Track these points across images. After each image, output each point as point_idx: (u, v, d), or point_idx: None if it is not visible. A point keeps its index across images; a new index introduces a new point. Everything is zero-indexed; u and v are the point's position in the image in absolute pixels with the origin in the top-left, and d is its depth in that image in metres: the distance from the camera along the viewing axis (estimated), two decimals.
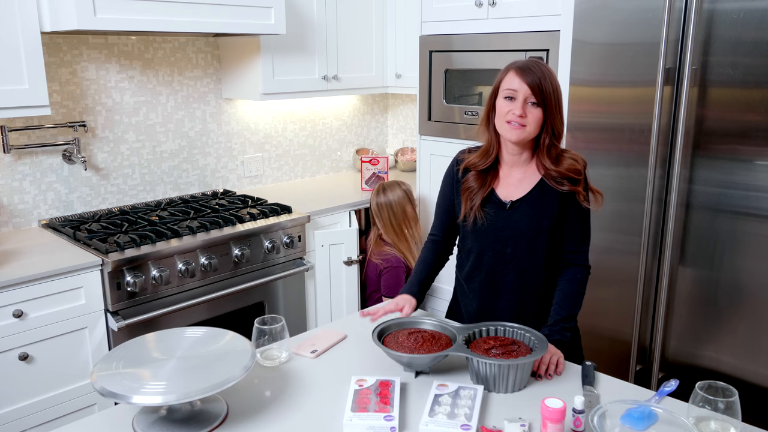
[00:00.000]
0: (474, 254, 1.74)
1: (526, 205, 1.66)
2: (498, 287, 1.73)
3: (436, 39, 3.18)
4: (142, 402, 1.22)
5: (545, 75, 1.57)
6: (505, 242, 1.68)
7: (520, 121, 1.57)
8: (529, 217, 1.65)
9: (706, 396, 1.22)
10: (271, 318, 1.60)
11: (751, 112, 2.09)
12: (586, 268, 1.71)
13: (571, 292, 1.67)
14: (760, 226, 2.13)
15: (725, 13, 2.09)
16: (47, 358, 2.16)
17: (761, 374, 2.20)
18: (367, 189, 3.33)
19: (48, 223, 2.62)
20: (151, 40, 2.88)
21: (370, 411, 1.32)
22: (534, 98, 1.56)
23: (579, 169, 1.63)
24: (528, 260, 1.68)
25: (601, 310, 2.54)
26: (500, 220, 1.68)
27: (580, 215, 1.68)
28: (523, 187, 1.67)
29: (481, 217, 1.68)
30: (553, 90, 1.57)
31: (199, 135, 3.13)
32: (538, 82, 1.55)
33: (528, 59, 1.62)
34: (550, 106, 1.57)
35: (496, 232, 1.68)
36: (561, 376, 1.54)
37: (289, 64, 3.03)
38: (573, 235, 1.69)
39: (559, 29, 2.63)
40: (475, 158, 1.70)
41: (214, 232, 2.54)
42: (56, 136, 2.64)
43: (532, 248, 1.67)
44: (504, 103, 1.60)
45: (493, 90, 1.64)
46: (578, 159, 1.65)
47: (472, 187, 1.69)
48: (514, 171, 1.68)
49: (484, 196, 1.68)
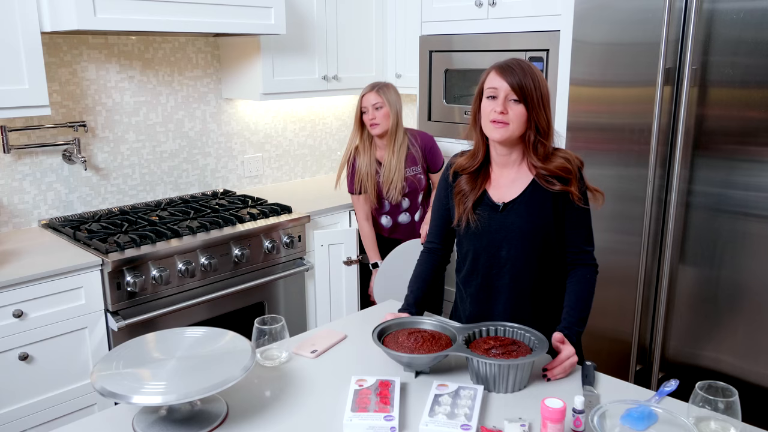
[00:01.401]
0: (470, 258, 1.73)
1: (519, 206, 1.65)
2: (494, 290, 1.72)
3: (436, 39, 3.18)
4: (142, 402, 1.22)
5: (525, 72, 1.56)
6: (499, 244, 1.67)
7: (501, 119, 1.56)
8: (523, 218, 1.64)
9: (706, 396, 1.22)
10: (271, 318, 1.60)
11: (751, 112, 2.09)
12: (593, 267, 1.70)
13: (583, 293, 1.66)
14: (760, 226, 2.13)
15: (725, 13, 2.09)
16: (47, 358, 2.16)
17: (761, 374, 2.20)
18: None
19: (48, 223, 2.62)
20: (151, 40, 2.88)
21: (370, 411, 1.32)
22: (515, 95, 1.56)
23: (569, 168, 1.61)
24: (523, 262, 1.67)
25: (601, 310, 2.54)
26: (494, 222, 1.67)
27: (580, 215, 1.66)
28: (515, 188, 1.66)
29: (474, 219, 1.67)
30: (535, 86, 1.56)
31: (199, 135, 3.13)
32: (518, 79, 1.55)
33: (509, 59, 1.62)
34: (532, 102, 1.56)
35: (490, 235, 1.68)
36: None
37: (289, 64, 3.03)
38: (576, 235, 1.68)
39: (559, 29, 2.63)
40: (464, 161, 1.70)
41: (214, 232, 2.54)
42: (56, 136, 2.64)
43: (526, 250, 1.66)
44: (487, 103, 1.60)
45: (478, 92, 1.64)
46: (571, 158, 1.63)
47: (463, 190, 1.69)
48: (505, 172, 1.68)
49: (476, 199, 1.67)
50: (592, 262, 1.70)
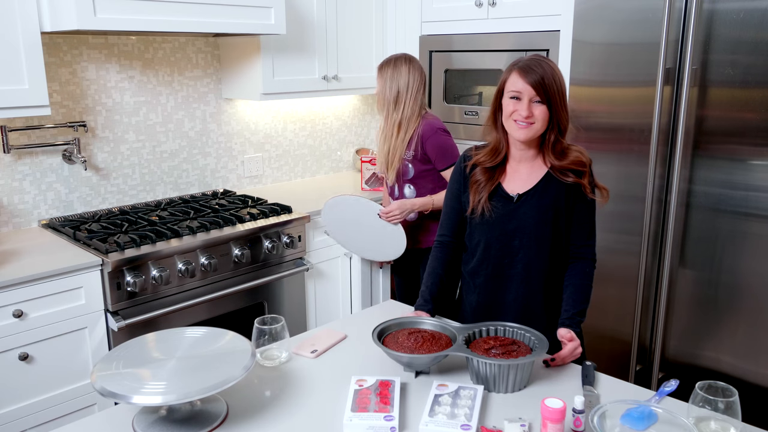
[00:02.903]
0: (481, 248, 1.75)
1: (532, 198, 1.68)
2: (505, 280, 1.74)
3: (436, 39, 3.18)
4: (142, 402, 1.22)
5: (547, 72, 1.59)
6: (512, 235, 1.70)
7: (527, 121, 1.60)
8: (536, 209, 1.68)
9: (706, 396, 1.22)
10: (271, 318, 1.60)
11: (751, 112, 2.09)
12: (593, 262, 1.74)
13: (582, 285, 1.70)
14: (760, 226, 2.13)
15: (725, 13, 2.09)
16: (47, 358, 2.16)
17: (761, 374, 2.20)
18: (367, 189, 3.32)
19: (48, 223, 2.62)
20: (151, 40, 2.88)
21: (370, 411, 1.32)
22: (538, 97, 1.58)
23: (584, 161, 1.67)
24: (535, 252, 1.70)
25: (601, 310, 2.54)
26: (507, 213, 1.70)
27: (587, 209, 1.70)
28: (530, 180, 1.70)
29: (488, 209, 1.70)
30: (557, 86, 1.60)
31: (199, 135, 3.13)
32: (541, 80, 1.57)
33: (530, 57, 1.64)
34: (555, 103, 1.60)
35: (502, 225, 1.70)
36: (561, 375, 1.54)
37: (289, 64, 3.03)
38: (580, 229, 1.72)
39: (559, 29, 2.63)
40: (484, 156, 1.73)
41: (214, 232, 2.54)
42: (56, 136, 2.64)
43: (538, 240, 1.69)
44: (510, 103, 1.63)
45: (498, 89, 1.67)
46: (584, 152, 1.69)
47: (479, 180, 1.72)
48: (522, 166, 1.71)
49: (491, 190, 1.70)
50: (592, 256, 1.74)
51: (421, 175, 2.58)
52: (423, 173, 2.57)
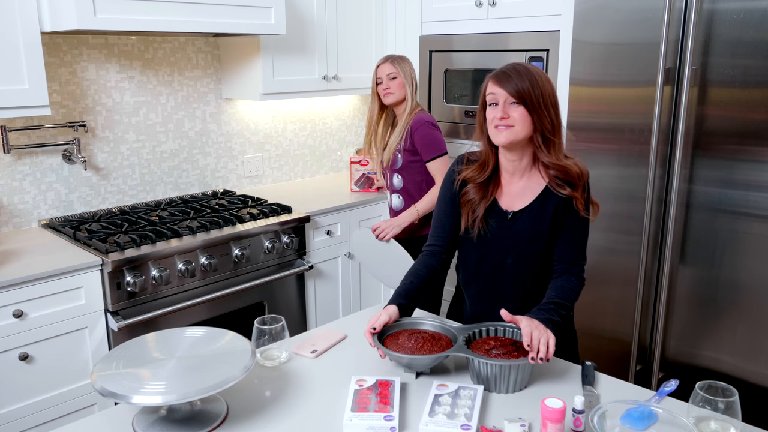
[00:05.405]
0: (473, 263, 1.73)
1: (527, 216, 1.64)
2: (495, 295, 1.71)
3: (436, 39, 3.18)
4: (142, 402, 1.22)
5: (522, 75, 1.56)
6: (505, 252, 1.67)
7: (504, 123, 1.56)
8: (530, 227, 1.64)
9: (706, 396, 1.22)
10: (271, 318, 1.60)
11: (751, 112, 2.09)
12: (581, 279, 1.67)
13: (566, 288, 1.62)
14: (760, 226, 2.13)
15: (725, 13, 2.09)
16: (47, 358, 2.17)
17: (761, 374, 2.20)
18: (356, 190, 3.31)
19: (48, 223, 2.62)
20: (151, 40, 2.88)
21: (370, 411, 1.32)
22: (513, 99, 1.56)
23: (580, 172, 1.61)
24: (527, 269, 1.67)
25: (601, 310, 2.55)
26: (501, 230, 1.66)
27: (579, 224, 1.65)
28: (525, 197, 1.65)
29: (483, 227, 1.66)
30: (533, 87, 1.55)
31: (199, 135, 3.13)
32: (514, 83, 1.55)
33: (506, 65, 1.61)
34: (532, 104, 1.55)
35: (496, 242, 1.67)
36: (561, 375, 1.54)
37: (289, 64, 3.03)
38: (570, 246, 1.66)
39: (559, 29, 2.63)
40: (472, 172, 1.67)
41: (214, 232, 2.54)
42: (56, 136, 2.64)
43: (532, 257, 1.66)
44: (489, 110, 1.60)
45: (481, 103, 1.64)
46: (581, 164, 1.63)
47: (473, 199, 1.67)
48: (515, 179, 1.66)
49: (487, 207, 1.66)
50: (581, 275, 1.67)
51: (409, 165, 2.69)
52: (411, 164, 2.69)
